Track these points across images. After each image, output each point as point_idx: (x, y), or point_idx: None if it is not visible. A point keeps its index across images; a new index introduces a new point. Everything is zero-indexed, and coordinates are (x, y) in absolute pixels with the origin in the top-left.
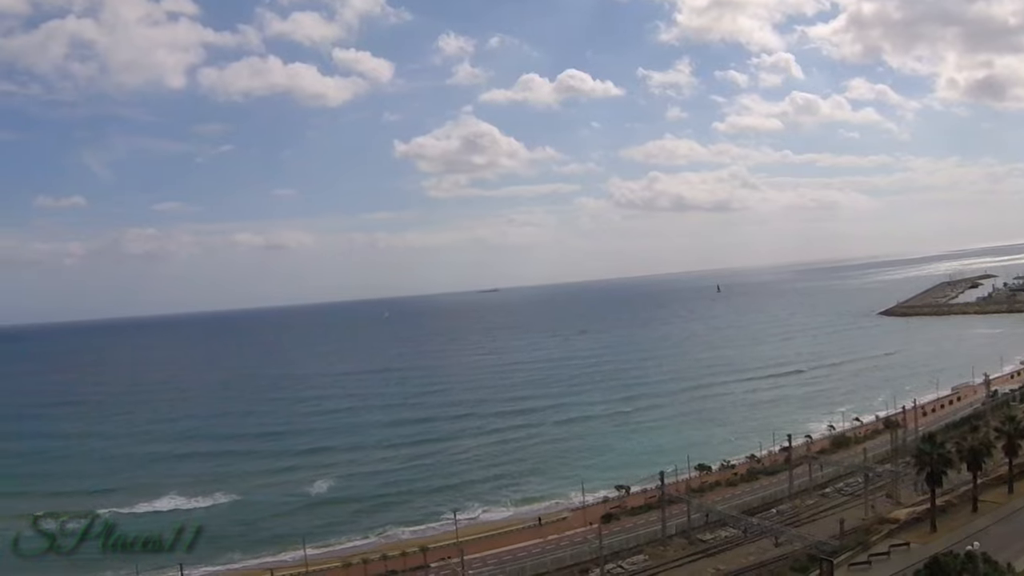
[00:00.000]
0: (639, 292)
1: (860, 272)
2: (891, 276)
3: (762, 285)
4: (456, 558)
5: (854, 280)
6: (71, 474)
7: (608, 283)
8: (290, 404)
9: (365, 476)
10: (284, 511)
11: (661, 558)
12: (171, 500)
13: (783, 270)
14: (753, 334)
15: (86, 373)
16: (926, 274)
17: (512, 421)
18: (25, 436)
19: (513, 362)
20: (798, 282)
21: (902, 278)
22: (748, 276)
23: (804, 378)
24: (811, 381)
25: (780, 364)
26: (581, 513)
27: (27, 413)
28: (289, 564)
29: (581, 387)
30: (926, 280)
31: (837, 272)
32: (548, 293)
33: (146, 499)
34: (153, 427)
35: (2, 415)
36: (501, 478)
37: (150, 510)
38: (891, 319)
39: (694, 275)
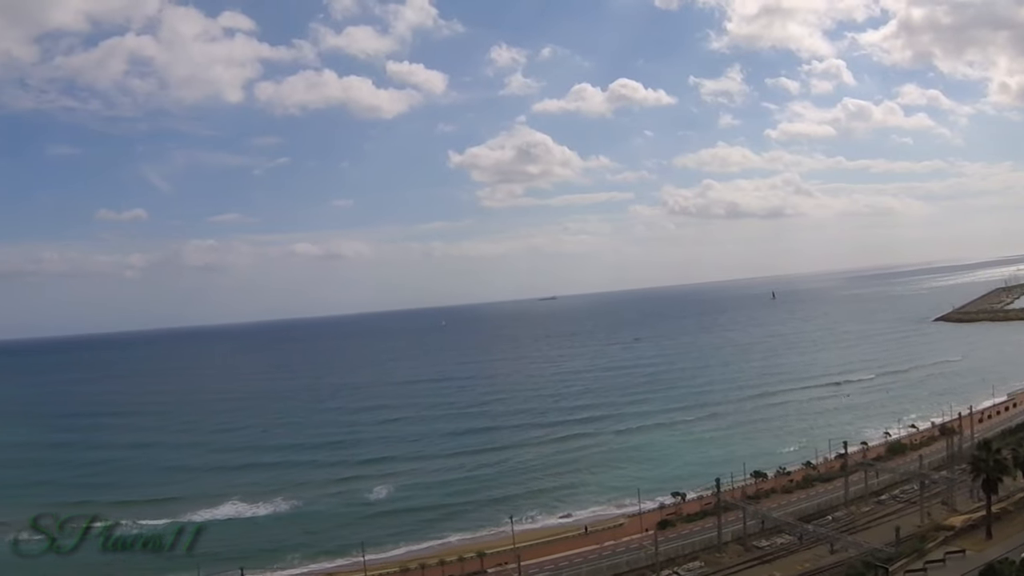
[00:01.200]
0: (694, 299)
1: (914, 278)
2: (945, 282)
3: (816, 292)
4: (513, 564)
5: (908, 286)
6: (135, 483)
7: (663, 290)
8: (350, 413)
9: (423, 484)
10: (344, 517)
11: (716, 565)
12: (233, 506)
13: (836, 276)
14: (810, 341)
15: (148, 383)
16: (981, 280)
17: (570, 430)
18: (90, 446)
19: (571, 370)
20: (852, 288)
21: (956, 284)
22: (802, 283)
23: (862, 386)
24: (871, 389)
25: (838, 371)
26: (637, 519)
27: (92, 423)
28: (348, 569)
29: (639, 395)
30: (981, 286)
31: (891, 278)
32: (604, 300)
33: (208, 507)
34: (215, 436)
35: (69, 425)
36: (558, 485)
37: (211, 518)
38: (948, 325)
39: (748, 282)
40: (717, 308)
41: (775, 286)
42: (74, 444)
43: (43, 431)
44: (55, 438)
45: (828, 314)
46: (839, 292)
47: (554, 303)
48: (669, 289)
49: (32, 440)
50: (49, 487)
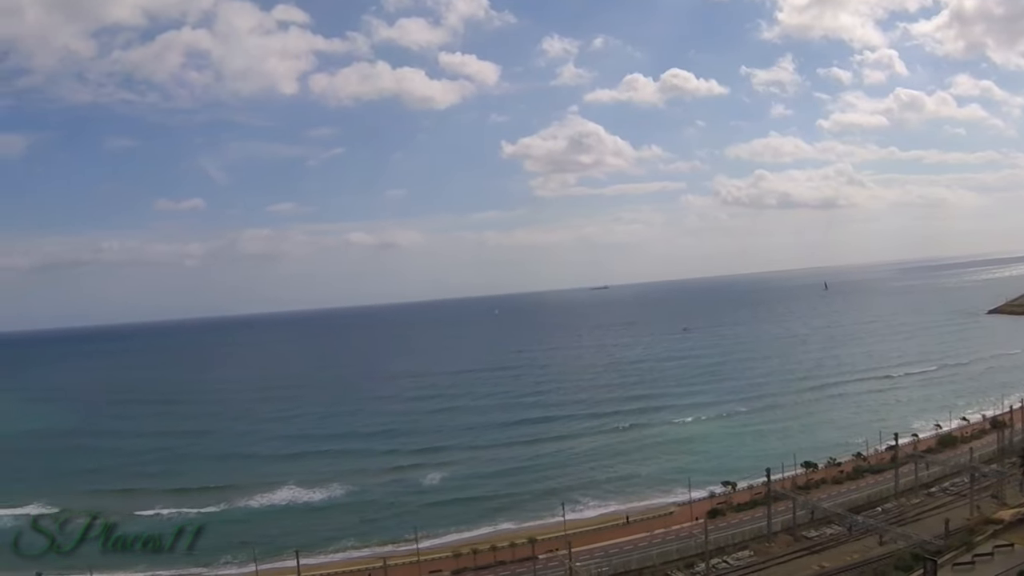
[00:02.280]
0: (746, 290)
1: (966, 270)
2: (998, 274)
3: (868, 283)
4: (564, 550)
5: (961, 278)
6: (190, 471)
7: (715, 280)
8: (405, 402)
9: (477, 472)
10: (398, 504)
11: (766, 554)
12: (289, 492)
13: (888, 268)
14: (864, 332)
15: (205, 370)
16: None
17: (624, 420)
18: (146, 433)
19: (625, 360)
20: (904, 280)
21: (1009, 276)
22: (854, 274)
23: (919, 379)
24: (929, 382)
25: (893, 363)
26: (688, 508)
27: (151, 410)
28: (402, 554)
29: (692, 385)
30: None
31: (943, 270)
32: (657, 290)
33: (265, 492)
34: (271, 424)
35: (127, 412)
36: (610, 474)
37: (267, 504)
38: (1002, 318)
39: (800, 273)
40: (770, 299)
41: (827, 277)
42: (130, 432)
43: (101, 418)
44: (112, 425)
45: (882, 305)
46: (892, 283)
47: (606, 292)
48: (721, 279)
49: (89, 427)
50: (103, 474)
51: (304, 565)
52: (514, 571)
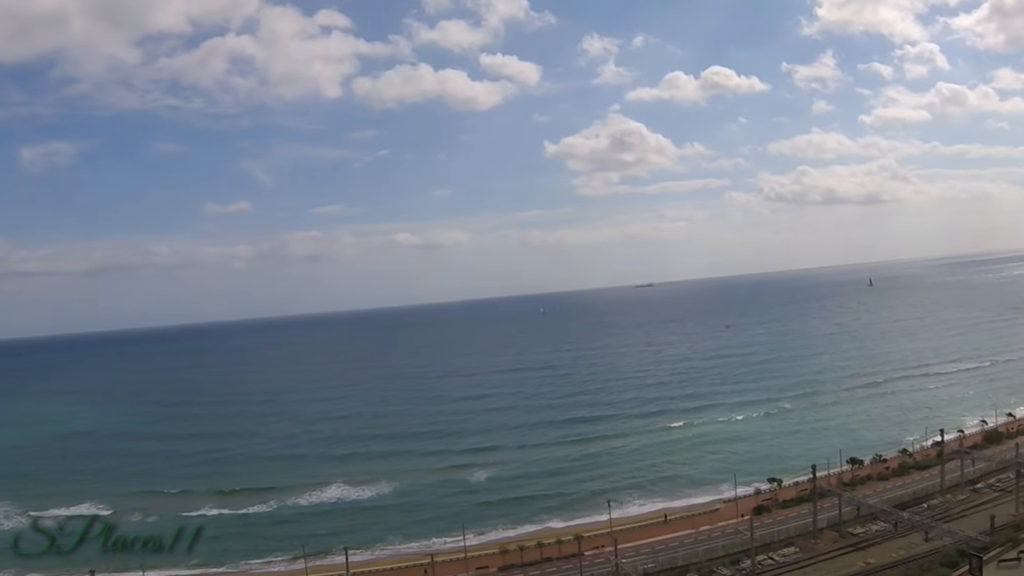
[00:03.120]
0: (790, 286)
1: (1012, 264)
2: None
3: (914, 278)
4: (609, 547)
5: (1006, 272)
6: (242, 472)
7: (759, 277)
8: (452, 402)
9: (524, 470)
10: (445, 502)
11: (811, 551)
12: (338, 490)
13: (933, 263)
14: (910, 328)
15: (254, 371)
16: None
17: (671, 420)
18: (196, 435)
19: (672, 358)
20: (950, 275)
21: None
22: (899, 269)
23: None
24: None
25: (938, 360)
26: (733, 505)
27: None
28: (449, 551)
29: (740, 383)
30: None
31: (988, 264)
32: (701, 287)
33: (314, 491)
34: (319, 424)
35: (176, 414)
36: (657, 472)
37: (316, 501)
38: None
39: (844, 269)
40: (815, 295)
41: (872, 273)
42: (180, 433)
43: (152, 420)
44: (163, 427)
45: (928, 301)
46: (937, 278)
47: (651, 290)
48: (765, 275)
49: (140, 429)
50: (154, 475)
51: (353, 562)
52: (560, 568)
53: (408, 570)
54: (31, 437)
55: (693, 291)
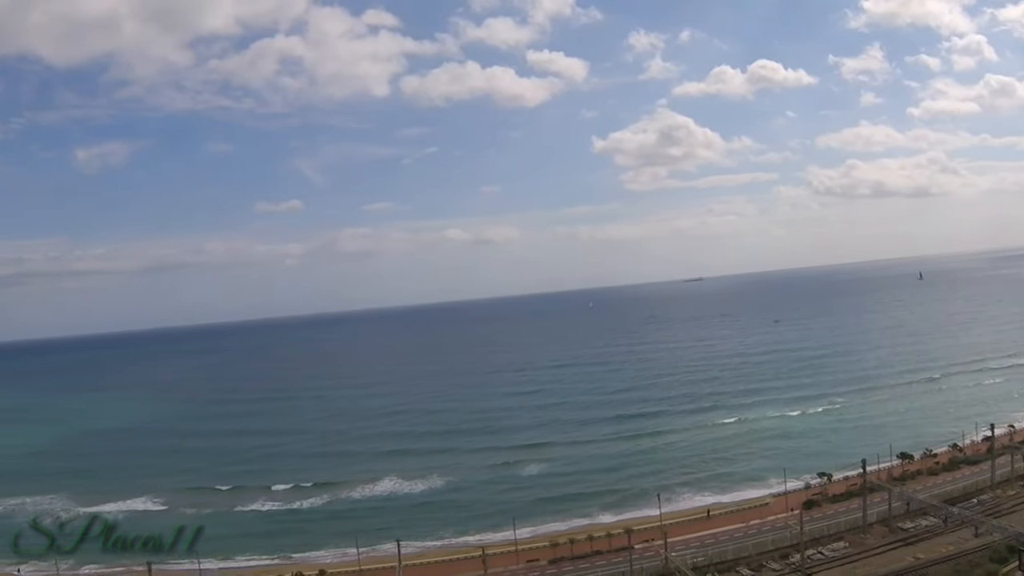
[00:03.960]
0: (840, 280)
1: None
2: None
3: (964, 272)
4: (659, 540)
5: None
6: (295, 468)
7: (809, 271)
8: (503, 397)
9: (575, 465)
10: (496, 495)
11: (861, 545)
12: (390, 483)
13: (984, 256)
14: (961, 322)
15: (308, 367)
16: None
17: (719, 415)
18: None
19: (723, 352)
20: (1002, 268)
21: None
22: (949, 263)
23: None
24: None
25: (991, 355)
26: (783, 499)
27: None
28: (500, 543)
29: (791, 378)
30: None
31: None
32: (751, 281)
33: (367, 485)
34: (372, 420)
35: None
36: (705, 466)
37: (368, 495)
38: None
39: (894, 262)
40: (864, 289)
41: (922, 266)
42: (233, 430)
43: (206, 416)
44: (216, 423)
45: (980, 295)
46: (989, 271)
47: (700, 284)
48: (815, 269)
49: (194, 425)
50: (207, 471)
51: (405, 554)
52: (610, 560)
53: (460, 563)
54: (86, 432)
55: (742, 285)
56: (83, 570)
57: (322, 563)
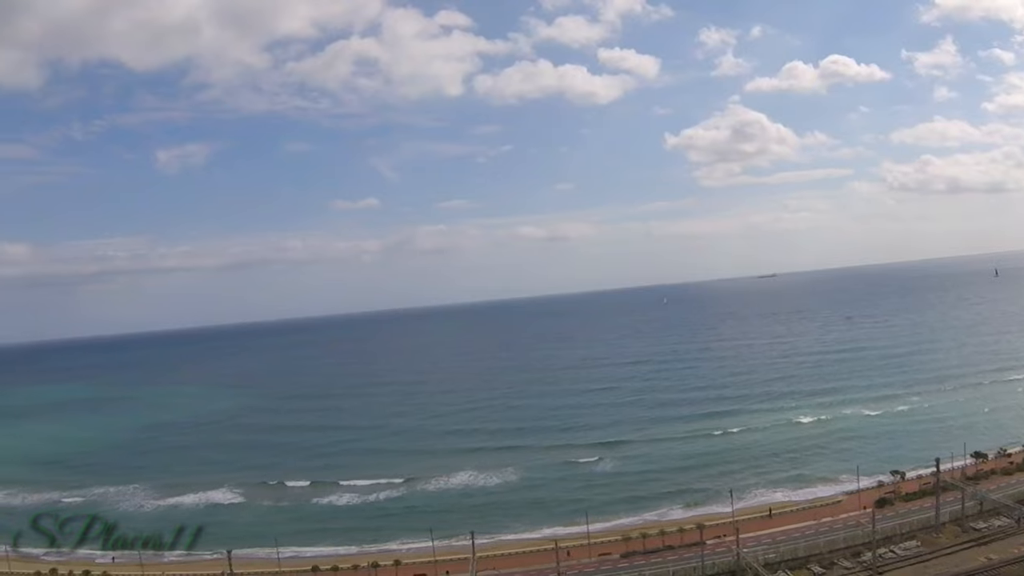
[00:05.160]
0: (915, 276)
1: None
2: None
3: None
4: (731, 536)
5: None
6: (370, 463)
7: (883, 267)
8: (580, 394)
9: (649, 461)
10: (569, 490)
11: (933, 545)
12: (466, 476)
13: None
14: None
15: (386, 362)
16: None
17: (793, 413)
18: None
19: (797, 349)
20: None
21: None
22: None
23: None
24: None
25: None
26: (856, 497)
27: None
28: (574, 536)
29: (868, 376)
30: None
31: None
32: (825, 278)
33: (442, 477)
34: (447, 416)
35: (310, 407)
36: (779, 463)
37: (444, 487)
38: None
39: (968, 258)
40: (940, 285)
41: (997, 262)
42: (308, 425)
43: (282, 411)
44: (291, 418)
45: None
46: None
47: (774, 281)
48: (889, 266)
49: (270, 420)
50: (284, 466)
51: (479, 546)
52: (682, 556)
53: (532, 555)
54: (168, 425)
55: (817, 281)
56: (166, 558)
57: (397, 554)
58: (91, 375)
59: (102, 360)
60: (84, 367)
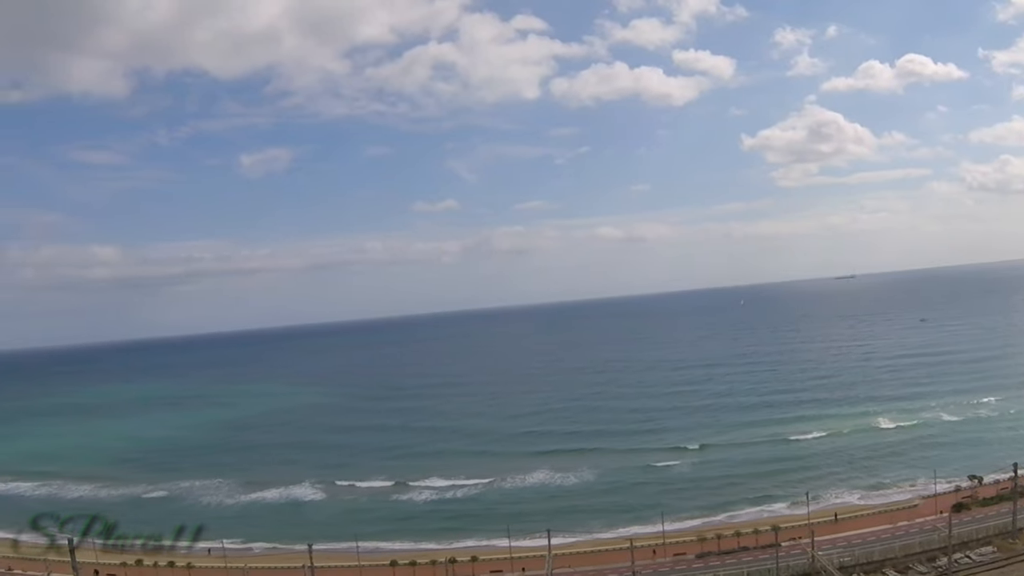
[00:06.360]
0: (996, 278)
1: None
2: None
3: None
4: (806, 539)
5: None
6: (448, 465)
7: (964, 269)
8: (660, 397)
9: (726, 464)
10: (646, 490)
11: (1010, 551)
12: (542, 475)
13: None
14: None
15: (465, 362)
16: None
17: (876, 418)
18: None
19: (877, 352)
20: None
21: None
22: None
23: None
24: None
25: None
26: (932, 501)
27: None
28: (647, 535)
29: (947, 377)
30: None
31: None
32: (905, 279)
33: (519, 476)
34: (526, 416)
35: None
36: (857, 466)
37: (520, 485)
38: None
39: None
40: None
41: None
42: (390, 426)
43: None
44: (373, 420)
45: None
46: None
47: (853, 282)
48: (970, 267)
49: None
50: (360, 467)
51: (554, 544)
52: (756, 557)
53: (607, 554)
54: (252, 421)
55: (896, 282)
56: (254, 547)
57: (474, 550)
58: (178, 373)
59: (188, 359)
60: (171, 365)
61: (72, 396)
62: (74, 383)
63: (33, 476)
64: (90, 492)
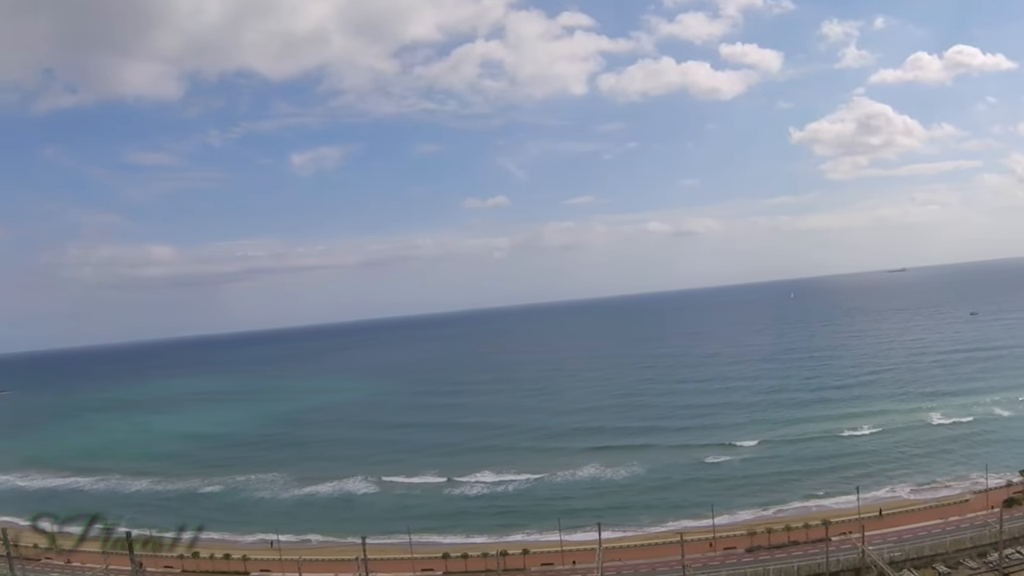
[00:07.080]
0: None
1: None
2: None
3: None
4: (856, 533)
5: None
6: (500, 460)
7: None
8: (712, 393)
9: (777, 461)
10: (696, 485)
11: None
12: (593, 470)
13: None
14: None
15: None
16: None
17: (929, 412)
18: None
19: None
20: None
21: None
22: None
23: None
24: None
25: None
26: (983, 496)
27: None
28: (697, 530)
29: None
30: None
31: None
32: (957, 272)
33: (571, 470)
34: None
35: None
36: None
37: (570, 479)
38: None
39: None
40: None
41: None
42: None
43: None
44: (425, 417)
45: None
46: None
47: (904, 275)
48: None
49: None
50: (415, 462)
51: (605, 538)
52: (806, 551)
53: (657, 547)
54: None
55: (948, 275)
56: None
57: (526, 543)
58: (233, 369)
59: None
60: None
61: (127, 392)
62: (130, 380)
63: (92, 472)
64: (147, 487)
